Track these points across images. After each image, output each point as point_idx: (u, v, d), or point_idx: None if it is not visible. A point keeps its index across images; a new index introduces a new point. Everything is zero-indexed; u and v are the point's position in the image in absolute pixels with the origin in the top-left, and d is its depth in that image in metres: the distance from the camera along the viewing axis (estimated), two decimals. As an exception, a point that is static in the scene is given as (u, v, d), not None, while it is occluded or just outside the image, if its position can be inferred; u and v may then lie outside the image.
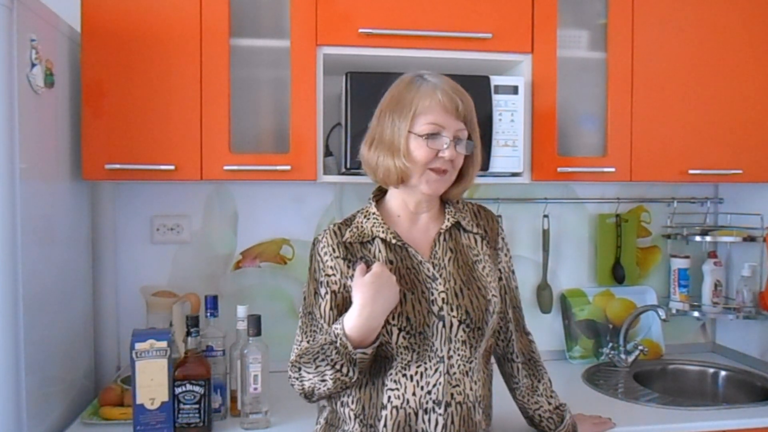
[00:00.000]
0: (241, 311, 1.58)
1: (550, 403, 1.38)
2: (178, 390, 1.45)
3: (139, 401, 1.42)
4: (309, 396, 1.24)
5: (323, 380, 1.18)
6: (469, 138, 1.25)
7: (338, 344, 1.14)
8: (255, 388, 1.51)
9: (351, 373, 1.16)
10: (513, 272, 1.38)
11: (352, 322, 1.14)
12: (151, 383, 1.42)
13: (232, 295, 1.92)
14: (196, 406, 1.46)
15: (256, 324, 1.51)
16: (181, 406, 1.45)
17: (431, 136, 1.20)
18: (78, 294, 1.68)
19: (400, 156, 1.21)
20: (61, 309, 1.54)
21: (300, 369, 1.22)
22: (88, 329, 1.77)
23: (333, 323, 1.20)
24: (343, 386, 1.20)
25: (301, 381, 1.22)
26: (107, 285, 1.86)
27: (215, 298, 1.62)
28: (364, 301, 1.13)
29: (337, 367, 1.16)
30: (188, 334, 1.49)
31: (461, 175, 1.28)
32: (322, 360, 1.17)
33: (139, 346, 1.41)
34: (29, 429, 1.32)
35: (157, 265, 1.91)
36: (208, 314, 1.60)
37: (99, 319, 1.84)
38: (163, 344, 1.42)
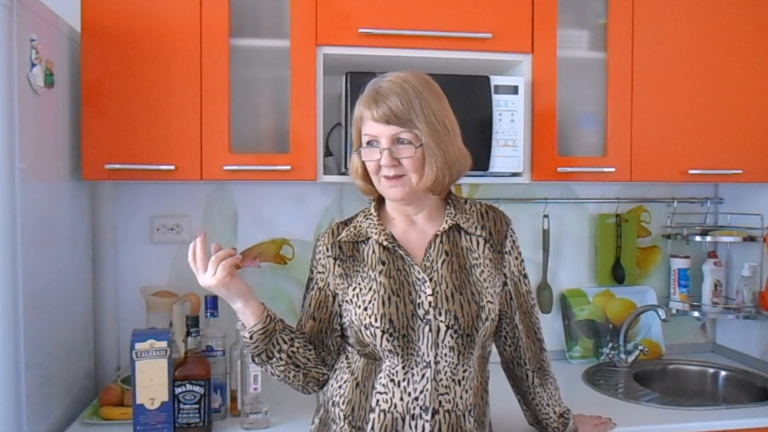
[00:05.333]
0: (241, 311, 1.58)
1: (555, 412, 1.37)
2: (178, 390, 1.45)
3: (139, 401, 1.42)
4: (294, 388, 1.31)
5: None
6: (417, 136, 1.16)
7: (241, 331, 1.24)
8: (255, 388, 1.51)
9: (257, 360, 1.23)
10: (525, 276, 1.34)
11: None
12: (151, 383, 1.42)
13: (232, 295, 1.92)
14: (196, 406, 1.46)
15: (256, 324, 1.51)
16: (181, 406, 1.45)
17: (366, 147, 1.21)
18: (78, 294, 1.68)
19: (352, 174, 1.28)
20: (61, 309, 1.54)
21: None
22: (88, 329, 1.77)
23: (308, 318, 1.28)
24: (282, 380, 1.26)
25: None
26: (107, 285, 1.86)
27: (215, 298, 1.61)
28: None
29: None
30: (188, 334, 1.49)
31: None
32: None
33: (139, 346, 1.41)
34: (29, 429, 1.32)
35: (157, 265, 1.91)
36: (208, 314, 1.60)
37: (99, 319, 1.84)
38: (163, 344, 1.43)
